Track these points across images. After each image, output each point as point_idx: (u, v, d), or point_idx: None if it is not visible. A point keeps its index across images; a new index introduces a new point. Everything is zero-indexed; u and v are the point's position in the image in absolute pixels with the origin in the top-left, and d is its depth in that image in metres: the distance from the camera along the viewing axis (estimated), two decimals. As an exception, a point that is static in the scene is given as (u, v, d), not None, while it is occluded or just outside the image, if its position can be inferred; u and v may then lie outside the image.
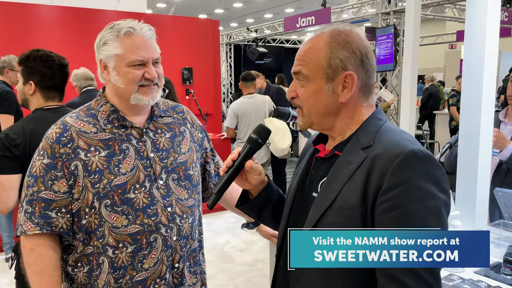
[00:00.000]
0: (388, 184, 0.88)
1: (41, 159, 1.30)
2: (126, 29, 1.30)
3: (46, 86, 1.95)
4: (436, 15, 8.80)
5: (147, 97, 1.34)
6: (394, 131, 0.99)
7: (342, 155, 1.00)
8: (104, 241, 1.30)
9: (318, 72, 0.99)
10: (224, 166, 1.14)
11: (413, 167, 0.88)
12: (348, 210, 0.93)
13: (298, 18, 9.04)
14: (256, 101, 4.60)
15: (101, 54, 1.33)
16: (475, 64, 1.65)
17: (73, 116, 1.36)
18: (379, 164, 0.90)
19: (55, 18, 5.32)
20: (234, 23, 19.32)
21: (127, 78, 1.31)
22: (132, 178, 1.31)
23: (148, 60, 1.33)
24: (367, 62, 1.00)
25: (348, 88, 0.99)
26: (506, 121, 2.28)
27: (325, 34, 1.01)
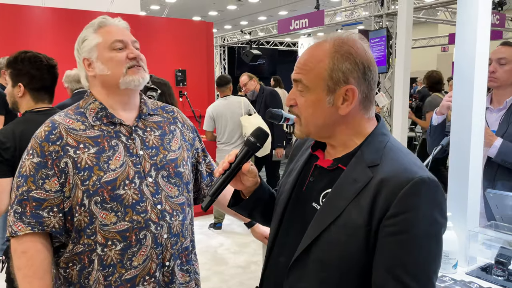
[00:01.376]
0: (395, 210, 0.89)
1: (30, 158, 1.29)
2: (99, 21, 1.38)
3: (36, 88, 1.94)
4: (429, 18, 8.86)
5: (136, 76, 1.36)
6: (400, 152, 0.99)
7: (347, 170, 0.99)
8: (95, 238, 1.29)
9: (319, 83, 0.98)
10: (220, 168, 1.12)
11: (421, 194, 0.90)
12: (353, 229, 0.93)
13: (292, 21, 9.06)
14: (231, 102, 4.64)
15: (83, 52, 1.37)
16: (466, 66, 1.66)
17: (61, 115, 1.36)
18: (387, 188, 0.91)
19: (47, 20, 5.29)
20: (228, 25, 19.33)
21: (112, 62, 1.34)
22: (122, 174, 1.31)
23: (128, 41, 1.37)
24: (369, 74, 0.98)
25: (348, 102, 0.97)
26: (492, 107, 2.22)
27: (328, 43, 0.98)
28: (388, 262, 0.91)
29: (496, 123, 2.15)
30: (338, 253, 0.95)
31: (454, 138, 1.71)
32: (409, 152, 1.01)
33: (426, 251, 0.91)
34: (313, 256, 0.98)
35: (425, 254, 0.91)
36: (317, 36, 9.50)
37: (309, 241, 0.98)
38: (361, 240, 0.93)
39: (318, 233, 0.97)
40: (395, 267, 0.90)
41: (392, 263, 0.90)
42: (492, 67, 2.15)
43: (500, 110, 2.17)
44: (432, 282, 0.93)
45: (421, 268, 0.91)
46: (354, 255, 0.94)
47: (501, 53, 2.15)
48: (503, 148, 2.02)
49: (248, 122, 4.46)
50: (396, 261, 0.90)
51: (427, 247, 0.91)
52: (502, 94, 2.17)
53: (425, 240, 0.90)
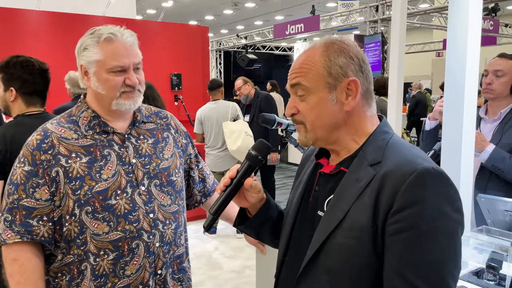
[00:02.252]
0: (399, 204, 0.84)
1: (22, 166, 1.28)
2: (106, 34, 1.30)
3: (27, 92, 1.93)
4: (423, 24, 8.94)
5: (128, 102, 1.34)
6: (403, 146, 0.94)
7: (349, 171, 0.95)
8: (86, 248, 1.28)
9: (319, 82, 0.95)
10: (221, 184, 1.07)
11: (426, 186, 0.84)
12: (358, 231, 0.88)
13: (288, 25, 9.11)
14: (220, 106, 4.66)
15: (81, 59, 1.33)
16: (457, 71, 1.67)
17: (53, 123, 1.35)
18: (390, 183, 0.86)
19: (43, 23, 5.28)
20: (224, 29, 19.39)
21: (108, 85, 1.31)
22: (113, 184, 1.30)
23: (129, 66, 1.32)
24: (365, 67, 0.97)
25: (352, 95, 0.95)
26: (487, 118, 2.24)
27: (319, 45, 0.98)
28: (396, 263, 0.84)
29: (490, 133, 2.16)
30: (346, 259, 0.90)
31: (445, 143, 1.72)
32: (413, 146, 0.97)
33: (438, 249, 0.83)
34: (321, 264, 0.93)
35: (437, 252, 0.83)
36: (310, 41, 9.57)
37: (315, 249, 0.94)
38: (368, 242, 0.87)
39: (323, 239, 0.93)
40: (403, 268, 0.83)
41: (400, 264, 0.84)
42: (488, 78, 2.17)
43: (495, 120, 2.19)
44: (448, 284, 0.84)
45: (433, 267, 0.82)
46: (362, 259, 0.88)
47: (497, 65, 2.17)
48: (494, 154, 2.03)
49: (228, 128, 4.46)
50: (403, 261, 0.84)
51: (438, 244, 0.83)
52: (497, 105, 2.20)
53: (434, 236, 0.83)
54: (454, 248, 0.85)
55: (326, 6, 14.01)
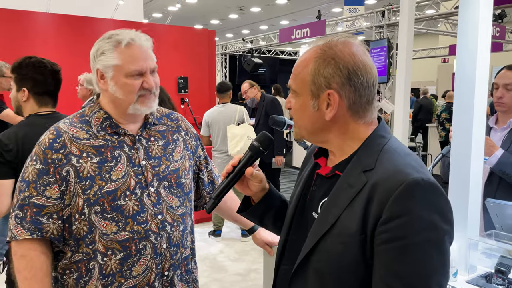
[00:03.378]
0: (388, 214, 0.84)
1: (33, 164, 1.30)
2: (124, 40, 1.31)
3: (39, 92, 1.96)
4: (429, 29, 8.94)
5: (144, 107, 1.36)
6: (397, 153, 0.93)
7: (343, 176, 0.96)
8: (94, 247, 1.29)
9: (304, 87, 0.98)
10: (224, 171, 1.14)
11: (415, 197, 0.83)
12: (347, 237, 0.89)
13: (293, 30, 9.13)
14: (227, 109, 4.68)
15: (98, 63, 1.34)
16: (467, 78, 1.68)
17: (66, 122, 1.36)
18: (380, 192, 0.86)
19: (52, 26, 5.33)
20: (229, 34, 19.46)
21: (126, 89, 1.32)
22: (123, 185, 1.31)
23: (146, 70, 1.34)
24: (356, 80, 0.94)
25: (332, 107, 0.95)
26: (496, 127, 2.27)
27: (317, 47, 0.98)
28: (383, 273, 0.85)
29: (499, 142, 2.19)
30: (334, 264, 0.91)
31: (454, 148, 1.73)
32: (408, 153, 0.95)
33: (425, 260, 0.83)
34: (311, 267, 0.95)
35: (424, 264, 0.83)
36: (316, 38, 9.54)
37: (306, 252, 0.96)
38: (357, 250, 0.88)
39: (314, 243, 0.94)
40: (390, 278, 0.84)
41: (387, 274, 0.84)
42: (499, 92, 2.19)
43: (504, 129, 2.23)
44: None
45: (420, 278, 0.83)
46: (350, 266, 0.89)
47: (508, 78, 2.18)
48: (503, 158, 2.04)
49: (231, 132, 4.48)
50: (390, 271, 0.84)
51: (425, 255, 0.83)
52: (508, 116, 2.23)
53: (422, 247, 0.83)
54: (443, 259, 0.85)
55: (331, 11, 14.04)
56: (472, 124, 1.65)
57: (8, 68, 3.82)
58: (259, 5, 14.20)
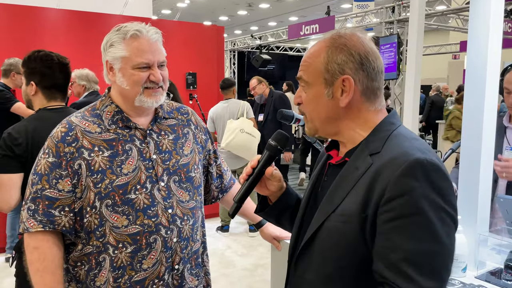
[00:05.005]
0: (390, 194, 0.85)
1: (46, 158, 1.31)
2: (132, 31, 1.32)
3: (47, 86, 1.96)
4: (440, 25, 8.84)
5: (151, 99, 1.36)
6: (404, 138, 0.95)
7: (350, 160, 0.98)
8: (105, 240, 1.31)
9: (317, 77, 0.99)
10: (244, 173, 1.14)
11: (416, 177, 0.84)
12: (348, 216, 0.92)
13: (302, 26, 9.09)
14: (231, 105, 4.71)
15: (107, 55, 1.35)
16: (478, 74, 1.66)
17: (78, 116, 1.38)
18: (384, 173, 0.88)
19: (62, 22, 5.37)
20: (238, 30, 19.44)
21: (132, 80, 1.33)
22: (133, 178, 1.32)
23: (154, 63, 1.34)
24: (368, 65, 0.97)
25: (347, 92, 0.97)
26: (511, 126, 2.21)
27: (326, 39, 1.01)
28: (387, 251, 0.85)
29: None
30: (336, 243, 0.93)
31: (465, 142, 1.71)
32: (416, 138, 0.96)
33: (430, 238, 0.82)
34: (316, 247, 0.98)
35: (429, 241, 0.82)
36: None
37: (312, 231, 0.98)
38: (357, 229, 0.89)
39: (319, 224, 0.97)
40: (395, 256, 0.83)
41: (391, 252, 0.84)
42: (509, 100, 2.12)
43: None
44: (441, 277, 0.83)
45: (424, 257, 0.82)
46: (351, 245, 0.91)
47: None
48: None
49: (228, 126, 4.51)
50: (395, 249, 0.84)
51: (430, 233, 0.82)
52: None
53: (427, 225, 0.82)
54: (447, 239, 0.84)
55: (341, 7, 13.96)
56: (483, 120, 1.64)
57: None
58: (268, 1, 14.17)
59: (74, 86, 3.64)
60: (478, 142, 1.65)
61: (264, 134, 5.01)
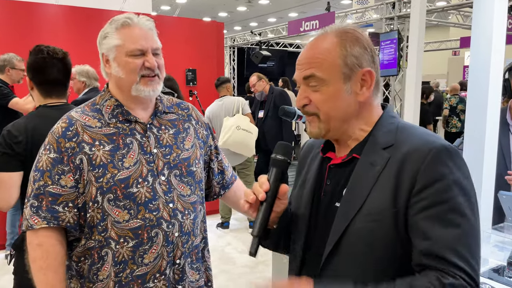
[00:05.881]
0: (423, 182, 0.85)
1: (47, 154, 1.30)
2: (123, 19, 1.34)
3: (39, 82, 1.91)
4: (440, 21, 8.80)
5: (147, 88, 1.35)
6: (413, 128, 0.96)
7: (362, 157, 0.95)
8: (107, 235, 1.30)
9: (334, 72, 0.95)
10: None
11: (446, 162, 0.86)
12: (378, 215, 0.88)
13: (302, 22, 9.06)
14: (226, 102, 4.70)
15: (102, 48, 1.36)
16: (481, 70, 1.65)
17: (78, 111, 1.37)
18: (410, 163, 0.87)
19: (61, 18, 5.34)
20: (237, 26, 19.37)
21: (127, 68, 1.33)
22: (135, 172, 1.32)
23: (148, 49, 1.34)
24: (376, 59, 0.99)
25: (366, 86, 0.96)
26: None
27: (331, 34, 0.97)
28: (427, 241, 0.83)
29: None
30: (368, 244, 0.89)
31: (468, 139, 1.70)
32: (422, 127, 0.99)
33: (468, 225, 0.83)
34: (344, 251, 0.93)
35: (468, 228, 0.83)
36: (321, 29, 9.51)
37: (337, 237, 0.93)
38: (390, 226, 0.87)
39: (344, 228, 0.92)
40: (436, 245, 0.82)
41: (431, 241, 0.83)
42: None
43: None
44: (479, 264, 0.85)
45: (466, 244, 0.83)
46: (388, 245, 0.88)
47: None
48: None
49: (225, 124, 4.49)
50: (435, 238, 0.82)
51: (467, 219, 0.83)
52: None
53: (462, 210, 0.83)
54: (478, 222, 0.88)
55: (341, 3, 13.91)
56: (486, 116, 1.63)
57: (19, 60, 3.84)
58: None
59: (74, 82, 3.61)
60: (481, 139, 1.64)
61: (265, 131, 5.00)
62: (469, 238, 0.84)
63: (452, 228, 0.83)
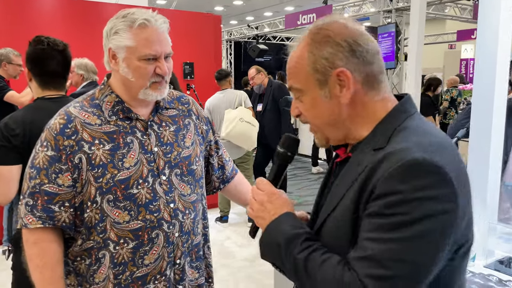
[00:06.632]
0: (378, 191, 0.78)
1: (44, 151, 1.25)
2: (141, 20, 1.24)
3: (37, 73, 1.87)
4: (438, 14, 8.79)
5: (156, 93, 1.30)
6: (413, 131, 0.85)
7: (353, 156, 0.91)
8: (106, 236, 1.27)
9: (308, 80, 0.89)
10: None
11: (408, 180, 0.76)
12: (342, 217, 0.86)
13: (300, 15, 9.02)
14: (227, 95, 4.67)
15: (110, 42, 1.27)
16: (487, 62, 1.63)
17: (77, 107, 1.31)
18: (380, 169, 0.80)
19: (56, 10, 5.27)
20: (233, 20, 19.27)
21: (138, 72, 1.26)
22: (135, 173, 1.28)
23: (161, 54, 1.27)
24: (360, 49, 0.87)
25: (346, 86, 0.87)
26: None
27: (305, 36, 0.92)
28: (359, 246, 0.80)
29: None
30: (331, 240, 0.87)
31: (474, 131, 1.69)
32: (430, 132, 0.86)
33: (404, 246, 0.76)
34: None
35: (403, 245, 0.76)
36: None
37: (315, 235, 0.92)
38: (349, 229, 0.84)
39: (318, 227, 0.91)
40: (357, 254, 0.79)
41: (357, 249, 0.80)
42: None
43: None
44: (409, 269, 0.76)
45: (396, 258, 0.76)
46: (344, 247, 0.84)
47: None
48: None
49: (227, 116, 4.44)
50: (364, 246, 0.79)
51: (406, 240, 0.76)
52: None
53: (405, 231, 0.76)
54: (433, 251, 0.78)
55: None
56: (493, 108, 1.61)
57: (16, 55, 3.78)
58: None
59: (72, 75, 3.56)
60: (488, 130, 1.62)
61: (264, 125, 4.97)
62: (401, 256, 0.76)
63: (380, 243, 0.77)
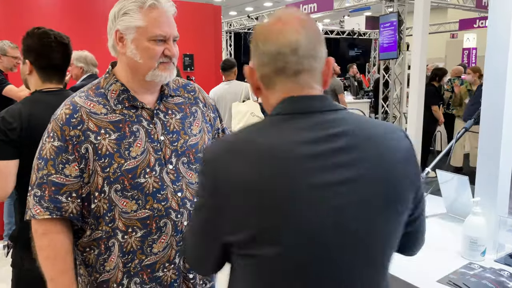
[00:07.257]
0: None
1: (51, 141, 1.24)
2: (151, 1, 1.25)
3: (42, 66, 1.84)
4: (441, 3, 8.68)
5: (165, 73, 1.29)
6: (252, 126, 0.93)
7: None
8: (114, 225, 1.27)
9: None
10: None
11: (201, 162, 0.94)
12: None
13: (300, 5, 8.93)
14: (233, 86, 4.63)
15: (118, 24, 1.26)
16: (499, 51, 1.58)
17: (82, 96, 1.30)
18: None
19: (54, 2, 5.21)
20: (233, 11, 19.10)
21: (147, 53, 1.26)
22: (142, 162, 1.27)
23: (170, 36, 1.28)
24: (257, 47, 0.93)
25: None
26: None
27: None
28: None
29: None
30: None
31: (484, 122, 1.64)
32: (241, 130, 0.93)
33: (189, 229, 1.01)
34: None
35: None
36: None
37: None
38: None
39: None
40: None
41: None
42: None
43: None
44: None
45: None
46: None
47: None
48: None
49: (236, 109, 4.42)
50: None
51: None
52: None
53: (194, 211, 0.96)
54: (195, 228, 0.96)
55: (338, -14, 13.70)
56: (504, 97, 1.57)
57: (12, 47, 3.73)
58: (264, -20, 13.87)
59: (72, 68, 3.50)
60: (499, 122, 1.58)
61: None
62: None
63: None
